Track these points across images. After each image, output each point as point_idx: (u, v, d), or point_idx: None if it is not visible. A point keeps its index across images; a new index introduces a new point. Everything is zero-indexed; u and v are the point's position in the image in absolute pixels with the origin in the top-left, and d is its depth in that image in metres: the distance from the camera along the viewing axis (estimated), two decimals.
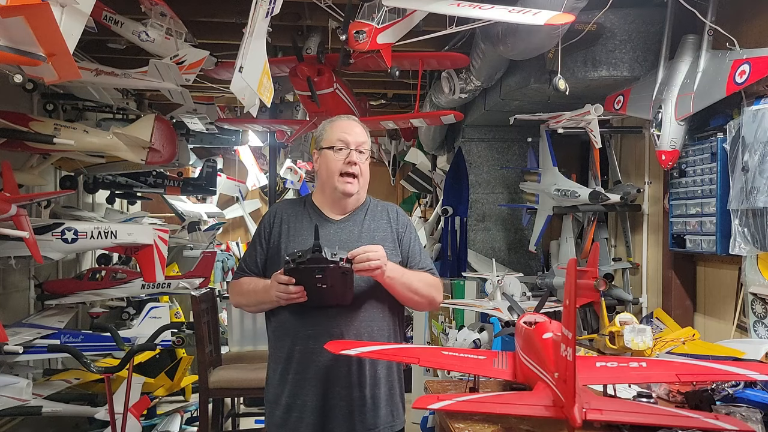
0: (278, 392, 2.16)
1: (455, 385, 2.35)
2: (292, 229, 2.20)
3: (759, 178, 2.45)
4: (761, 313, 2.60)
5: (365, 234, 2.20)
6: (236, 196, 8.65)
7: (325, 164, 2.20)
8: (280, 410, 2.15)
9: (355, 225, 2.22)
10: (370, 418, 2.12)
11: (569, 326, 1.50)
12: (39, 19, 1.92)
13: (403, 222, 2.30)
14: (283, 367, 2.16)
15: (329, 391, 2.09)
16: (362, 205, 2.28)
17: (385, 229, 2.25)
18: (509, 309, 2.86)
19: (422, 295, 2.18)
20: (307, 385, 2.10)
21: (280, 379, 2.16)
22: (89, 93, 4.33)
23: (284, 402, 2.14)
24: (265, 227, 2.25)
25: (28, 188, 4.31)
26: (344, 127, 2.22)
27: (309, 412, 2.09)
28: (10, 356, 3.72)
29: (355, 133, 2.21)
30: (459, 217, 5.12)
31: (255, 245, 2.26)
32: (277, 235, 2.21)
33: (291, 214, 2.25)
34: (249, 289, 2.20)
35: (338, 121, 2.27)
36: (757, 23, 2.76)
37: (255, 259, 2.25)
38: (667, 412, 1.63)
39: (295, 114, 5.42)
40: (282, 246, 2.18)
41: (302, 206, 2.28)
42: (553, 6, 2.61)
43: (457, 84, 4.27)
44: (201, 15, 3.90)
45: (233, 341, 4.48)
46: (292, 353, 2.13)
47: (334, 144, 2.18)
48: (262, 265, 2.23)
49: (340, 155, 2.17)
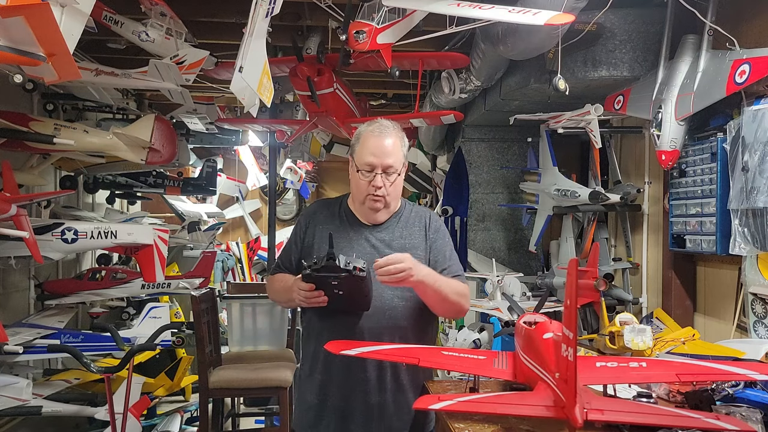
0: (305, 389, 2.23)
1: (455, 385, 2.35)
2: (325, 231, 2.19)
3: (759, 178, 2.45)
4: (761, 313, 2.60)
5: (396, 242, 2.20)
6: (236, 196, 8.64)
7: (355, 180, 2.20)
8: (305, 407, 2.21)
9: (387, 233, 2.23)
10: (393, 423, 2.14)
11: (570, 326, 1.50)
12: (39, 19, 1.92)
13: (435, 227, 2.29)
14: (310, 365, 2.22)
15: (351, 394, 2.12)
16: (397, 211, 2.28)
17: (418, 236, 2.24)
18: (509, 309, 2.86)
19: (452, 303, 2.17)
20: (330, 386, 2.15)
21: (308, 377, 2.22)
22: (89, 93, 4.33)
23: (309, 400, 2.20)
24: (301, 226, 2.31)
25: (28, 188, 4.31)
26: (373, 147, 2.15)
27: (330, 411, 2.14)
28: (10, 356, 3.72)
29: (384, 154, 2.14)
30: (459, 217, 5.12)
31: (291, 243, 2.32)
32: (312, 236, 2.26)
33: (327, 215, 2.29)
34: (280, 287, 2.25)
35: (370, 135, 2.19)
36: (757, 23, 2.76)
37: (290, 257, 2.31)
38: (668, 412, 1.63)
39: (295, 114, 5.42)
40: (315, 248, 2.22)
41: (338, 207, 2.31)
42: (553, 6, 2.61)
43: (457, 84, 4.27)
44: (201, 15, 3.90)
45: (233, 341, 4.48)
46: (317, 353, 2.17)
47: (361, 167, 2.15)
48: (297, 263, 2.25)
49: (365, 178, 2.16)
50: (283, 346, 4.44)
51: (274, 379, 3.60)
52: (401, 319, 2.16)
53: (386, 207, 2.21)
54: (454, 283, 2.20)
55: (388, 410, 2.13)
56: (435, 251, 2.25)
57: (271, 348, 4.38)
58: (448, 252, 2.29)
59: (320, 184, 9.26)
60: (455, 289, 2.18)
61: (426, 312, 2.21)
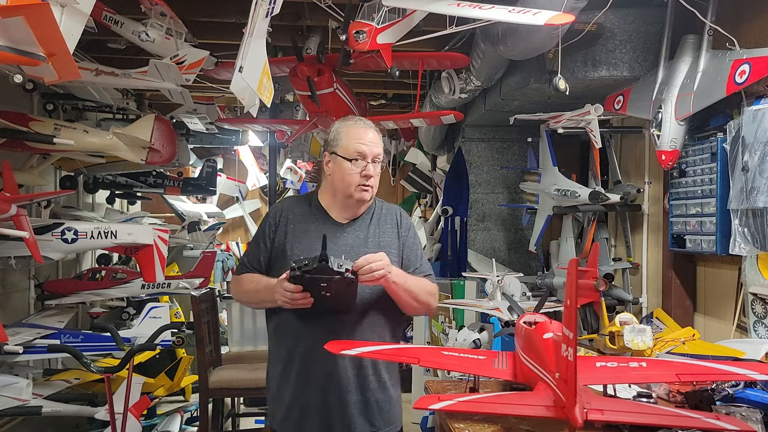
0: (281, 390, 2.18)
1: (455, 385, 2.36)
2: (298, 230, 2.19)
3: (759, 178, 2.45)
4: (761, 313, 2.60)
5: (371, 239, 2.20)
6: (236, 196, 8.65)
7: (340, 172, 2.17)
8: (283, 406, 2.16)
9: (361, 230, 2.22)
10: (374, 421, 2.14)
11: (570, 326, 1.50)
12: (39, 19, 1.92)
13: (406, 226, 2.30)
14: (284, 366, 2.16)
15: (330, 395, 2.09)
16: (370, 208, 2.28)
17: (391, 234, 2.25)
18: (509, 309, 2.86)
19: (421, 302, 2.19)
20: (308, 387, 2.11)
21: (281, 378, 2.17)
22: (89, 93, 4.33)
23: (287, 399, 2.15)
24: (270, 225, 2.24)
25: (28, 188, 4.31)
26: (361, 137, 2.18)
27: (313, 411, 2.11)
28: (10, 356, 3.72)
29: (372, 144, 2.19)
30: (459, 217, 5.12)
31: (258, 242, 2.24)
32: (283, 234, 2.20)
33: (297, 214, 2.23)
34: (251, 287, 2.19)
35: (354, 127, 2.21)
36: (757, 23, 2.76)
37: (258, 257, 2.23)
38: (668, 412, 1.63)
39: (295, 114, 5.42)
40: (288, 247, 2.17)
41: (308, 206, 2.27)
42: (553, 6, 2.61)
43: (457, 84, 4.27)
44: (201, 15, 3.90)
45: (233, 341, 4.48)
46: (293, 354, 2.13)
47: (352, 156, 2.15)
48: (266, 264, 2.22)
49: (356, 167, 2.15)
50: None
51: None
52: (378, 318, 2.16)
53: (371, 198, 2.23)
54: (424, 281, 2.23)
55: (371, 408, 2.13)
56: (407, 249, 2.25)
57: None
58: (419, 251, 2.31)
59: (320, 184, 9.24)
60: (425, 288, 2.21)
61: (396, 311, 2.23)
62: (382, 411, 2.15)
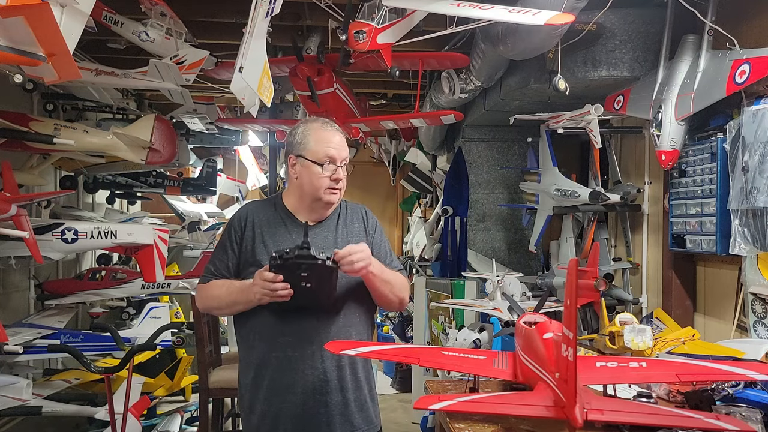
0: (252, 399, 2.12)
1: (455, 385, 2.35)
2: (266, 234, 2.14)
3: (759, 178, 2.45)
4: (761, 313, 2.60)
5: (340, 239, 2.18)
6: (236, 196, 8.63)
7: (308, 176, 2.13)
8: (256, 417, 2.11)
9: (329, 230, 2.19)
10: (354, 420, 2.11)
11: (570, 326, 1.50)
12: (39, 19, 1.92)
13: (372, 223, 2.29)
14: (255, 372, 2.11)
15: (309, 399, 2.05)
16: (335, 209, 2.25)
17: (359, 233, 2.23)
18: (509, 309, 2.86)
19: (397, 295, 2.19)
20: (283, 393, 2.06)
21: (252, 385, 2.12)
22: (89, 93, 4.33)
23: (259, 409, 2.10)
24: (235, 230, 2.17)
25: (28, 188, 4.31)
26: (329, 140, 2.15)
27: (284, 419, 2.05)
28: (10, 356, 3.72)
29: (340, 148, 2.17)
30: (459, 217, 5.12)
31: (225, 249, 2.18)
32: (250, 239, 2.15)
33: (263, 218, 2.18)
34: (221, 292, 2.12)
35: (321, 130, 2.18)
36: (757, 23, 2.76)
37: (226, 263, 2.16)
38: (668, 412, 1.63)
39: (295, 114, 5.42)
40: (257, 250, 2.12)
41: (273, 209, 2.22)
42: (553, 6, 2.61)
43: (457, 84, 4.27)
44: (201, 15, 3.90)
45: (233, 341, 4.48)
46: (267, 360, 2.08)
47: (322, 161, 2.12)
48: (234, 270, 2.15)
49: (326, 171, 2.12)
50: None
51: None
52: (356, 315, 2.15)
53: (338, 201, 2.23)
54: (398, 275, 2.23)
55: (350, 407, 2.10)
56: (376, 247, 2.24)
57: None
58: (388, 248, 2.30)
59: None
60: (400, 282, 2.21)
61: (371, 309, 2.23)
62: (360, 410, 2.13)
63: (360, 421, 2.13)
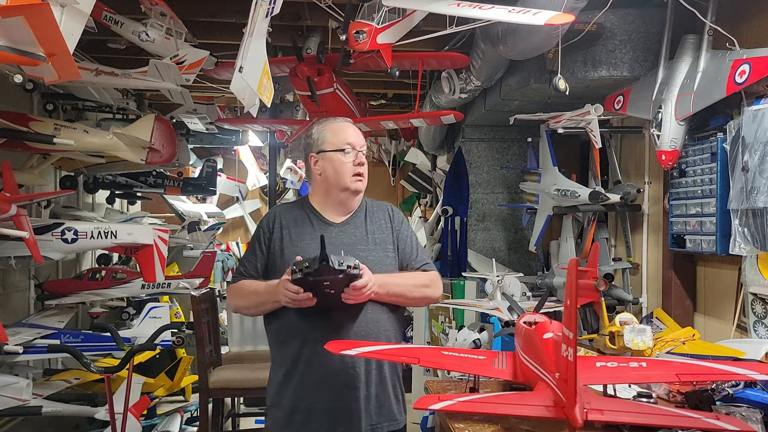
0: (280, 395, 2.16)
1: (455, 385, 2.36)
2: (293, 234, 2.21)
3: (759, 178, 2.45)
4: (761, 313, 2.60)
5: (370, 235, 2.23)
6: (236, 196, 8.65)
7: (332, 167, 2.21)
8: (283, 413, 2.15)
9: (357, 228, 2.24)
10: (375, 416, 2.14)
11: (570, 326, 1.50)
12: (39, 19, 1.92)
13: (398, 220, 2.33)
14: (287, 369, 2.15)
15: (339, 393, 2.09)
16: (360, 205, 2.30)
17: (385, 230, 2.27)
18: (509, 309, 2.86)
19: (413, 298, 2.23)
20: (315, 388, 2.10)
21: (282, 382, 2.16)
22: (89, 93, 4.33)
23: (287, 405, 2.14)
24: (264, 232, 2.25)
25: (28, 188, 4.31)
26: (345, 130, 2.26)
27: (317, 414, 2.10)
28: (10, 356, 3.72)
29: (358, 136, 2.26)
30: (459, 217, 5.12)
31: (255, 250, 2.25)
32: (278, 240, 2.21)
33: (290, 219, 2.25)
34: (250, 291, 2.18)
35: (335, 123, 2.30)
36: (757, 23, 2.76)
37: (255, 264, 2.24)
38: (668, 412, 1.63)
39: (295, 114, 5.42)
40: (285, 251, 2.18)
41: (301, 209, 2.29)
42: (553, 6, 2.61)
43: (457, 84, 4.27)
44: (201, 15, 3.90)
45: (233, 341, 4.48)
46: (299, 356, 2.13)
47: (343, 147, 2.21)
48: (263, 270, 2.22)
49: (349, 157, 2.21)
50: None
51: None
52: (383, 311, 2.18)
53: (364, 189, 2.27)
54: (416, 276, 2.24)
55: (371, 403, 2.13)
56: (402, 243, 2.28)
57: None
58: (414, 242, 2.33)
59: None
60: (415, 282, 2.23)
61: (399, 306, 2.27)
62: (382, 406, 2.15)
63: (381, 417, 2.15)
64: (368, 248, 2.19)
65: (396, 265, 2.25)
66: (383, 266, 2.19)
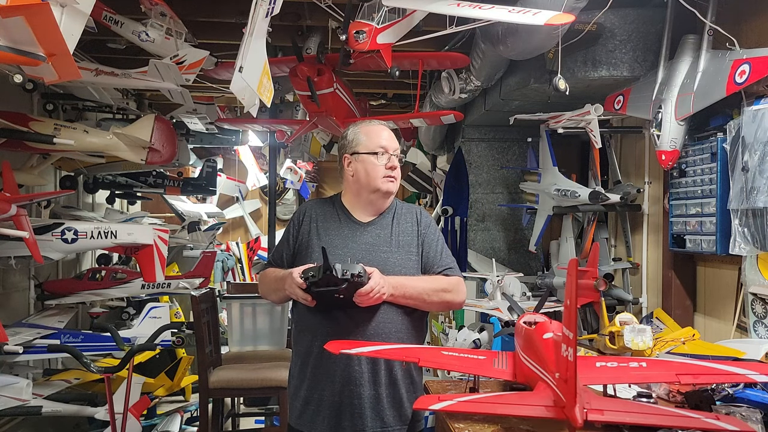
0: (298, 385, 2.24)
1: (455, 385, 2.36)
2: (321, 228, 2.28)
3: (759, 178, 2.45)
4: (761, 313, 2.60)
5: (392, 238, 2.26)
6: (236, 196, 8.64)
7: (364, 168, 2.27)
8: (299, 402, 2.23)
9: (382, 229, 2.28)
10: (385, 417, 2.16)
11: (570, 326, 1.50)
12: (39, 19, 1.92)
13: (425, 223, 2.35)
14: (302, 360, 2.23)
15: (344, 389, 2.14)
16: (389, 207, 2.34)
17: (411, 232, 2.30)
18: (509, 309, 2.86)
19: (431, 302, 2.24)
20: (324, 381, 2.16)
21: (299, 373, 2.24)
22: (89, 93, 4.33)
23: (303, 395, 2.21)
24: (294, 224, 2.34)
25: (28, 188, 4.31)
26: (380, 134, 2.31)
27: (325, 406, 2.16)
28: (10, 356, 3.73)
29: (392, 140, 2.32)
30: (459, 217, 5.12)
31: (284, 241, 2.35)
32: (306, 232, 2.29)
33: (320, 213, 2.33)
34: (271, 280, 2.28)
35: (370, 125, 2.35)
36: (757, 23, 2.76)
37: (282, 254, 2.34)
38: (668, 412, 1.63)
39: (295, 114, 5.42)
40: (312, 242, 2.25)
41: (331, 206, 2.36)
42: (553, 6, 2.61)
43: (457, 84, 4.27)
44: (201, 15, 3.90)
45: (233, 341, 4.48)
46: (311, 348, 2.19)
47: (376, 150, 2.26)
48: (289, 260, 2.31)
49: (382, 160, 2.26)
50: (283, 346, 4.44)
51: (274, 379, 3.60)
52: (395, 312, 2.19)
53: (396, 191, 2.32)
54: (433, 280, 2.25)
55: (381, 403, 2.15)
56: (427, 246, 2.30)
57: (271, 348, 4.38)
58: (440, 246, 2.34)
59: (320, 184, 9.27)
60: (435, 287, 2.24)
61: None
62: (393, 407, 2.17)
63: (392, 419, 2.17)
64: (390, 250, 2.22)
65: (418, 269, 2.27)
66: (404, 269, 2.21)
